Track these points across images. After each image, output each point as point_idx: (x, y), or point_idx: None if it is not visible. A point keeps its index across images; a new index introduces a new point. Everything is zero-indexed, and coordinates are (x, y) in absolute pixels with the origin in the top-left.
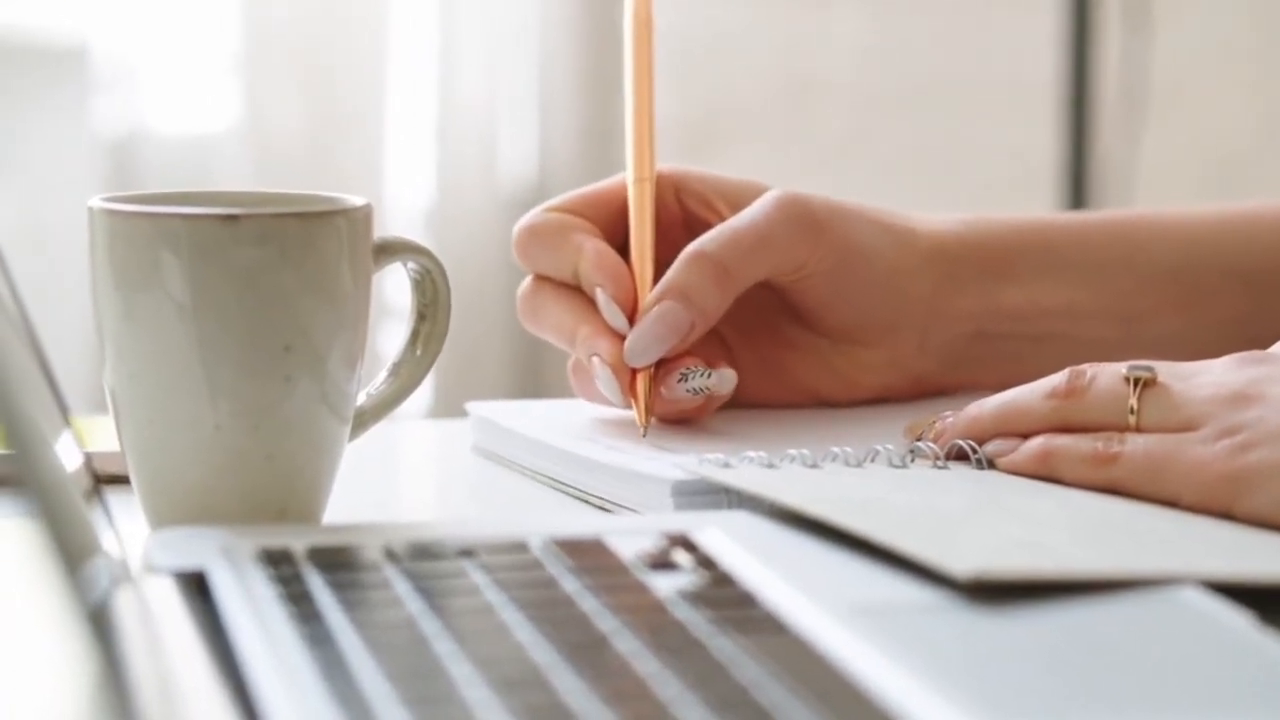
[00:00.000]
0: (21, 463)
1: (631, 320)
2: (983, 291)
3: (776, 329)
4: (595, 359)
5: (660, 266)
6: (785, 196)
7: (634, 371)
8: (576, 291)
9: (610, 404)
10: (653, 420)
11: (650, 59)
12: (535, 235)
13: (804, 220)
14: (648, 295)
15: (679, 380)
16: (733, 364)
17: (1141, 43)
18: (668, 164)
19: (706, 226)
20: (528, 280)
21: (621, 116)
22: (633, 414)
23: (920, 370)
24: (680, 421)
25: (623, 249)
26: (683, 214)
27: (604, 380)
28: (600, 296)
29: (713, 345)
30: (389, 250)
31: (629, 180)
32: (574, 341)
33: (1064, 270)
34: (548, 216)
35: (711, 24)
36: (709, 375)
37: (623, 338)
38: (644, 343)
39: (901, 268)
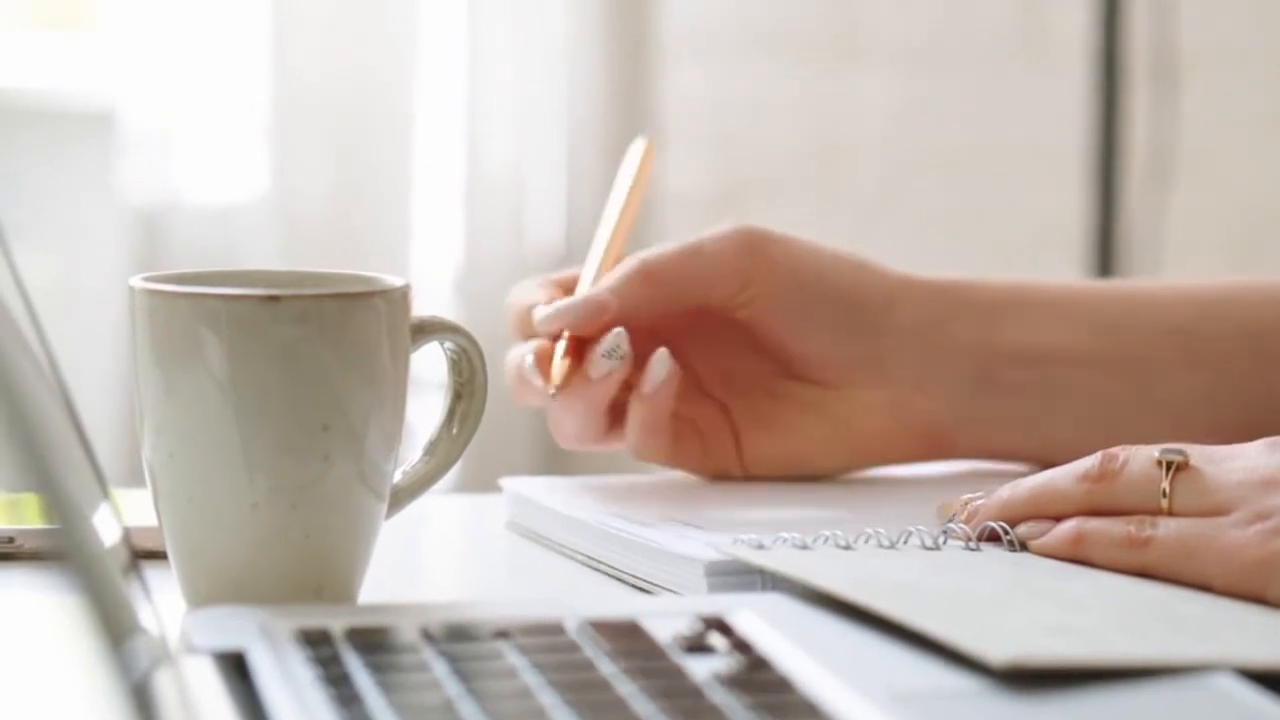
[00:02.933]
0: (62, 538)
1: None
2: (979, 325)
3: (770, 387)
4: (526, 357)
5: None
6: (737, 224)
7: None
8: None
9: (582, 435)
10: (559, 385)
11: (640, 193)
12: (510, 305)
13: (746, 239)
14: None
15: (598, 352)
16: (733, 428)
17: (1169, 108)
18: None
19: None
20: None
21: (651, 188)
22: (659, 489)
23: (925, 416)
24: (675, 456)
25: None
26: None
27: (529, 369)
28: (537, 312)
29: (710, 408)
30: (426, 330)
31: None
32: (522, 372)
33: (1064, 316)
34: (520, 284)
35: (740, 90)
36: (620, 335)
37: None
38: (556, 308)
39: (872, 297)
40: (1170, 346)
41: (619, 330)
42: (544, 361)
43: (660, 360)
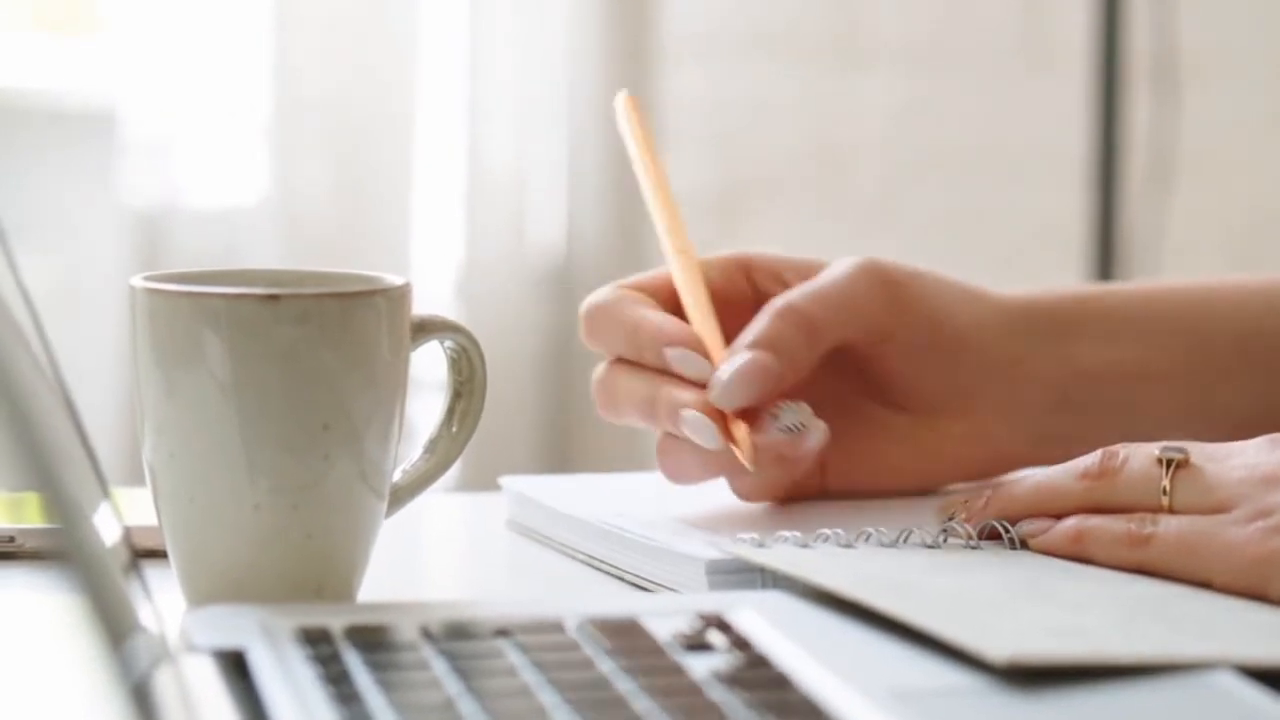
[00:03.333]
0: (62, 537)
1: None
2: (1059, 352)
3: (857, 409)
4: (684, 411)
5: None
6: (865, 260)
7: (726, 420)
8: (650, 368)
9: (702, 476)
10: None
11: (651, 143)
12: (602, 312)
13: (886, 283)
14: (725, 351)
15: (771, 420)
16: (820, 454)
17: (1169, 110)
18: (732, 248)
19: None
20: (601, 365)
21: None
22: (660, 489)
23: (1005, 440)
24: (782, 492)
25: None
26: (753, 293)
27: (699, 428)
28: (672, 354)
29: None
30: (427, 328)
31: (668, 256)
32: (655, 408)
33: (1132, 332)
34: (612, 292)
35: (740, 91)
36: (801, 409)
37: (706, 387)
38: (730, 386)
39: (979, 328)
40: (1230, 353)
41: (804, 407)
42: (718, 420)
43: (819, 433)
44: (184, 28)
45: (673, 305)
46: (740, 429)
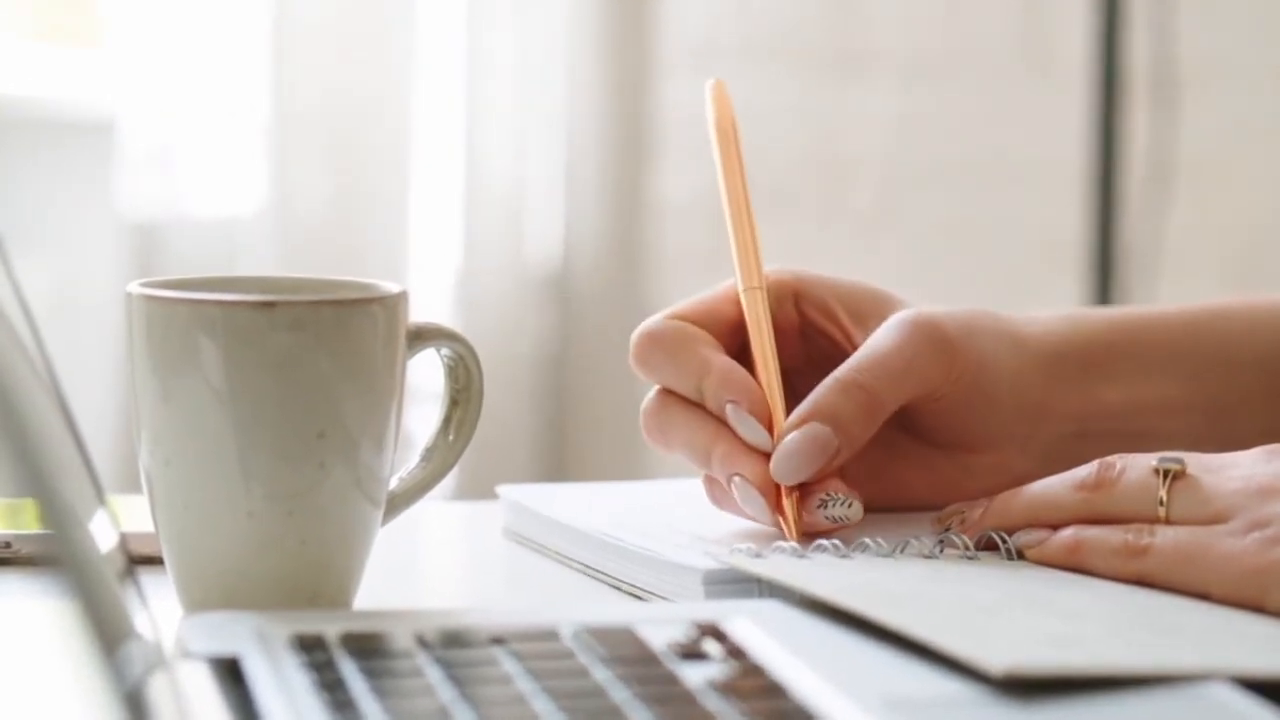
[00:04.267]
0: (58, 544)
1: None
2: (1085, 391)
3: (882, 436)
4: (737, 479)
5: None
6: (921, 320)
7: (777, 487)
8: (704, 408)
9: (750, 519)
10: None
11: (741, 166)
12: (659, 344)
13: (939, 342)
14: (786, 412)
15: (819, 506)
16: (839, 472)
17: (1169, 120)
18: (785, 267)
19: (824, 335)
20: (652, 395)
21: (650, 199)
22: (657, 498)
23: (1021, 470)
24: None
25: (739, 358)
26: (801, 321)
27: (750, 500)
28: (734, 413)
29: None
30: (423, 336)
31: (740, 290)
32: (709, 461)
33: (1157, 366)
34: (670, 324)
35: (740, 101)
36: (849, 504)
37: (762, 454)
38: (791, 462)
39: (1017, 376)
40: (1252, 382)
41: (854, 502)
42: (769, 492)
43: (858, 512)
44: (183, 38)
45: (725, 337)
46: (790, 505)
